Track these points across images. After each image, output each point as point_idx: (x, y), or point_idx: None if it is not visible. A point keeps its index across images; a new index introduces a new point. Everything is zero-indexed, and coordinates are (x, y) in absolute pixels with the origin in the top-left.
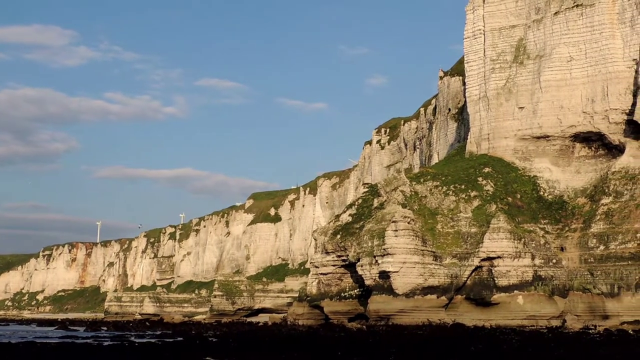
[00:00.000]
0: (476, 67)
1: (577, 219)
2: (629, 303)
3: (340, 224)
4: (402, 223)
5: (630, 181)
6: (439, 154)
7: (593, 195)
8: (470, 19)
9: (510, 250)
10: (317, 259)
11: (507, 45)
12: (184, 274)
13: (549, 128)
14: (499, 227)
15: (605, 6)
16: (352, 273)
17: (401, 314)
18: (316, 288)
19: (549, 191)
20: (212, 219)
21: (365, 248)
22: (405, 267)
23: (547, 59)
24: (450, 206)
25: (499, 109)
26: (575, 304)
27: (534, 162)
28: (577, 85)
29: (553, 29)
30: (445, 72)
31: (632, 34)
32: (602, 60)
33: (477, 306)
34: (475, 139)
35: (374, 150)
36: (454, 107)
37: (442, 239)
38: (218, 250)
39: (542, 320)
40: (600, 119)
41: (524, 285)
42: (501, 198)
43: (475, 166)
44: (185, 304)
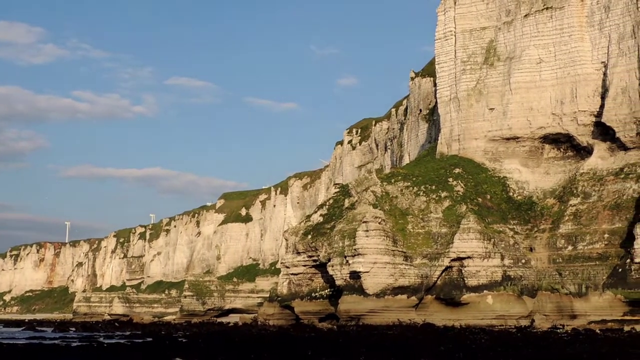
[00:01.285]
0: (447, 69)
1: (545, 220)
2: (596, 303)
3: (311, 224)
4: (373, 223)
5: (598, 182)
6: (410, 155)
7: (562, 196)
8: (442, 20)
9: (480, 251)
10: (288, 259)
11: (477, 46)
12: (154, 274)
13: (519, 129)
14: (469, 228)
15: (574, 9)
16: (323, 273)
17: (372, 314)
18: (287, 288)
19: (518, 192)
20: (183, 219)
21: (336, 248)
22: (375, 267)
23: (517, 61)
24: (420, 206)
25: (470, 110)
26: (543, 303)
27: (503, 163)
28: (547, 87)
29: (523, 31)
30: (417, 73)
31: (601, 37)
32: (571, 62)
33: (447, 306)
34: (446, 139)
35: (345, 151)
36: (425, 108)
37: (413, 239)
38: (188, 250)
39: (511, 320)
40: (569, 121)
41: (494, 285)
42: (471, 199)
43: (446, 167)
44: (155, 305)
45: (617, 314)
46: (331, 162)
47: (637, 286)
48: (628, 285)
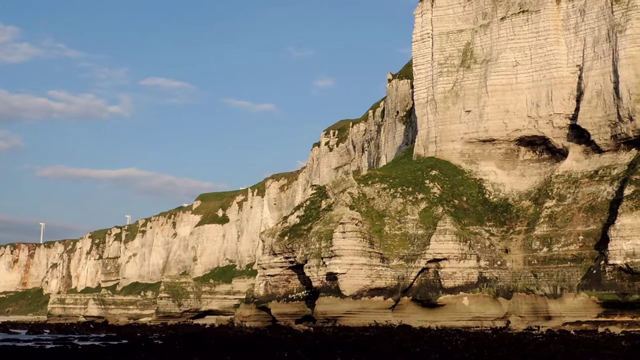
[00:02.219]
0: (424, 71)
1: (521, 222)
2: (571, 304)
3: (288, 226)
4: (350, 225)
5: (573, 185)
6: (387, 156)
7: (537, 198)
8: (419, 22)
9: (456, 252)
10: (264, 260)
11: (454, 49)
12: (129, 276)
13: (495, 132)
14: (445, 229)
15: (550, 12)
16: (300, 275)
17: (348, 315)
18: (263, 290)
19: (494, 194)
20: (159, 220)
21: (313, 250)
22: (352, 269)
23: (493, 64)
24: (397, 208)
25: (446, 113)
26: (519, 305)
27: (480, 165)
28: (523, 89)
29: (499, 34)
30: (394, 75)
31: (576, 40)
32: (547, 65)
33: (424, 307)
34: (423, 141)
35: (322, 152)
36: (402, 110)
37: (390, 240)
38: (165, 251)
39: (487, 321)
40: (545, 124)
41: (469, 286)
42: (448, 200)
43: (423, 169)
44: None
45: (591, 316)
46: (308, 163)
47: (611, 288)
48: (602, 287)
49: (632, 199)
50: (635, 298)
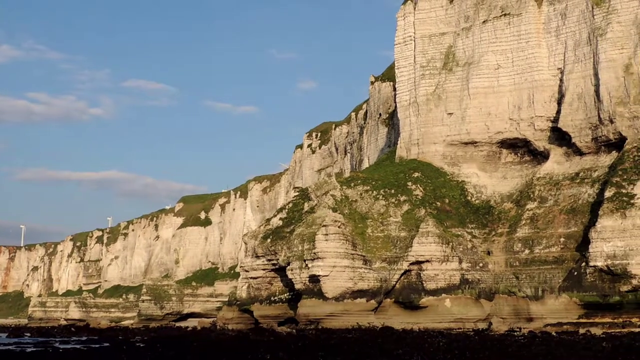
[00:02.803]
0: (406, 73)
1: (503, 224)
2: (552, 306)
3: (270, 228)
4: (333, 227)
5: (554, 187)
6: (369, 159)
7: (519, 200)
8: (401, 25)
9: (438, 254)
10: (247, 263)
11: (436, 52)
12: (111, 279)
13: (477, 134)
14: (427, 232)
15: (531, 16)
16: (282, 277)
17: (331, 317)
18: (246, 292)
19: (476, 196)
20: (141, 223)
21: (295, 252)
22: (335, 271)
23: (475, 67)
24: (380, 210)
25: (429, 115)
26: (501, 306)
27: (462, 168)
28: (504, 92)
29: (481, 37)
30: (376, 78)
31: (557, 44)
32: (529, 68)
33: (406, 309)
34: (405, 144)
35: (304, 154)
36: (384, 112)
37: (372, 243)
38: (147, 254)
39: (469, 323)
40: (526, 126)
41: (452, 288)
42: (430, 203)
43: (405, 171)
44: (112, 309)
45: (572, 317)
46: (291, 165)
47: (592, 289)
48: (583, 289)
49: (613, 201)
50: (615, 299)
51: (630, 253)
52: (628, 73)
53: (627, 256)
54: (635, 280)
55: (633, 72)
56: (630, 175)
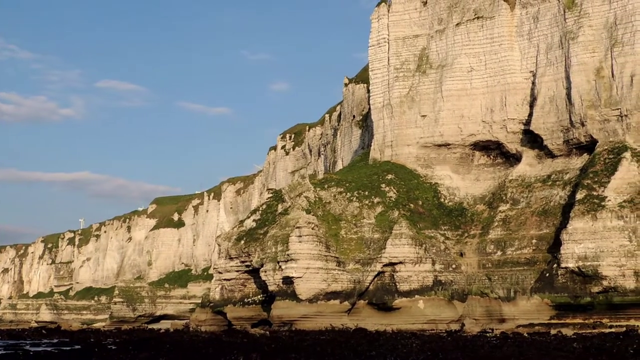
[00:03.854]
0: (380, 75)
1: (475, 225)
2: (524, 307)
3: (244, 230)
4: (306, 229)
5: (526, 189)
6: (343, 160)
7: (491, 202)
8: (375, 27)
9: (411, 256)
10: (220, 264)
11: (410, 54)
12: (83, 281)
13: (450, 136)
14: (401, 233)
15: (504, 19)
16: (256, 279)
17: (304, 319)
18: (219, 294)
19: (449, 198)
20: (113, 224)
21: (269, 254)
22: (308, 273)
23: (448, 69)
24: (353, 212)
25: (402, 117)
26: (473, 308)
27: (435, 170)
28: (477, 95)
29: (455, 40)
30: (350, 80)
31: (530, 47)
32: (501, 71)
33: (379, 311)
34: (379, 146)
35: (278, 156)
36: (358, 114)
37: (346, 244)
38: (119, 255)
39: (442, 324)
40: (499, 128)
41: (425, 290)
42: (403, 204)
43: (379, 173)
44: (84, 311)
45: (544, 318)
46: (264, 167)
47: (564, 290)
48: (555, 290)
49: (584, 203)
50: (586, 300)
51: (601, 255)
52: (599, 76)
53: (598, 258)
54: (605, 282)
55: (604, 76)
56: (601, 177)
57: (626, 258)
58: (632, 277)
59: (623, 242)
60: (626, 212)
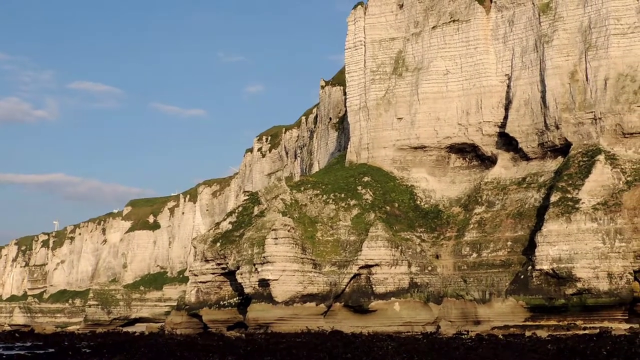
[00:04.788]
0: (357, 78)
1: (451, 228)
2: (499, 309)
3: (220, 232)
4: (282, 231)
5: (501, 191)
6: (319, 163)
7: (467, 204)
8: (352, 30)
9: (387, 258)
10: (196, 267)
11: (386, 57)
12: (57, 283)
13: (426, 139)
14: (377, 236)
15: (480, 22)
16: (232, 281)
17: (280, 321)
18: (195, 296)
19: (425, 200)
20: (88, 226)
21: (245, 256)
22: (284, 275)
23: (424, 72)
24: (330, 214)
25: (379, 119)
26: (449, 310)
27: (411, 172)
28: (453, 97)
29: (431, 43)
30: (327, 82)
31: (505, 50)
32: (477, 74)
33: (355, 313)
34: (355, 148)
35: (254, 158)
36: (334, 117)
37: (322, 247)
38: (94, 258)
39: (418, 326)
40: (474, 131)
41: (401, 292)
42: (380, 207)
43: (355, 175)
44: (58, 314)
45: (518, 320)
46: (241, 169)
47: (538, 292)
48: (529, 292)
49: (558, 205)
50: (561, 302)
51: (575, 257)
52: (573, 80)
53: (572, 260)
54: (580, 284)
55: (578, 79)
56: (575, 180)
57: (600, 260)
58: (606, 279)
59: (597, 245)
60: (600, 215)
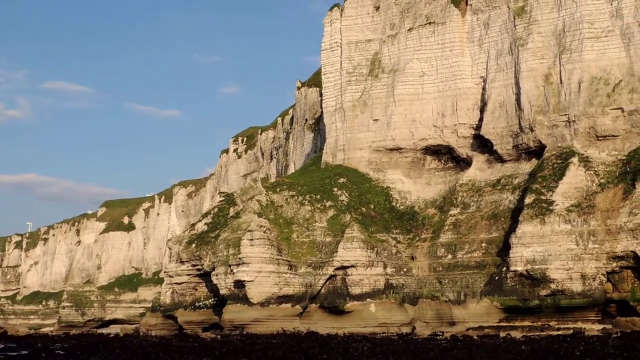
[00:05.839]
0: (333, 79)
1: (427, 229)
2: (474, 310)
3: (195, 233)
4: (258, 232)
5: (476, 193)
6: (295, 164)
7: (442, 206)
8: (328, 31)
9: (363, 259)
10: (171, 268)
11: (363, 58)
12: (30, 285)
13: (402, 140)
14: (352, 237)
15: (455, 25)
16: (207, 282)
17: (256, 323)
18: (170, 298)
19: (401, 202)
20: (62, 227)
21: (220, 257)
22: (260, 276)
23: (400, 74)
24: (305, 216)
25: (354, 121)
26: (424, 311)
27: (387, 174)
28: (429, 99)
29: (407, 45)
30: (303, 83)
31: (480, 53)
32: (452, 76)
33: (331, 314)
34: (331, 149)
35: (230, 159)
36: (310, 118)
37: (298, 248)
38: (68, 259)
39: (393, 327)
40: (450, 133)
41: (376, 293)
42: (355, 208)
43: (331, 176)
44: (31, 316)
45: (493, 321)
46: (216, 170)
47: (513, 293)
48: (504, 293)
49: (532, 207)
50: (535, 303)
51: (549, 258)
52: (548, 82)
53: (546, 261)
54: (553, 285)
55: (552, 82)
56: (549, 182)
57: (573, 262)
58: (579, 280)
59: (570, 246)
60: (573, 217)
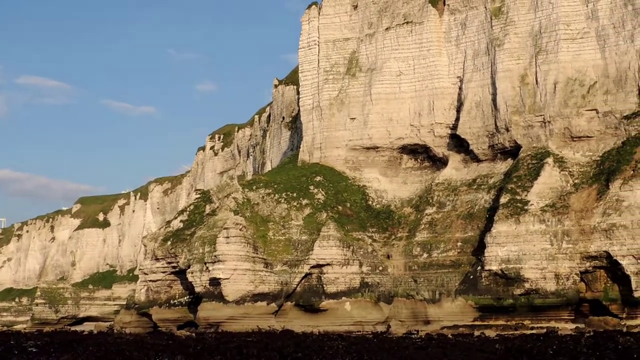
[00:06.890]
0: (310, 77)
1: (403, 228)
2: (449, 308)
3: (171, 230)
4: (234, 230)
5: (452, 192)
6: (272, 162)
7: (418, 205)
8: (306, 29)
9: (339, 258)
10: (146, 265)
11: (340, 57)
12: (3, 281)
13: (378, 139)
14: (328, 235)
15: (433, 25)
16: (183, 280)
17: (231, 321)
18: (145, 295)
19: (377, 200)
20: (36, 224)
21: (196, 255)
22: (236, 274)
23: (378, 73)
24: (282, 214)
25: (331, 119)
26: (399, 309)
27: (363, 172)
28: (406, 99)
29: (384, 44)
30: (280, 81)
31: (457, 53)
32: (429, 76)
33: (307, 312)
34: (308, 148)
35: (207, 157)
36: (288, 116)
37: (274, 246)
38: (41, 256)
39: (369, 326)
40: (426, 132)
41: (352, 291)
42: (332, 206)
43: (307, 175)
44: (4, 313)
45: (468, 320)
46: (193, 167)
47: (487, 292)
48: (478, 292)
49: (508, 207)
50: (509, 302)
51: (523, 257)
52: (524, 83)
53: (521, 261)
54: (527, 284)
55: (528, 83)
56: (524, 182)
57: (547, 261)
58: (553, 279)
59: (544, 246)
60: (548, 216)
